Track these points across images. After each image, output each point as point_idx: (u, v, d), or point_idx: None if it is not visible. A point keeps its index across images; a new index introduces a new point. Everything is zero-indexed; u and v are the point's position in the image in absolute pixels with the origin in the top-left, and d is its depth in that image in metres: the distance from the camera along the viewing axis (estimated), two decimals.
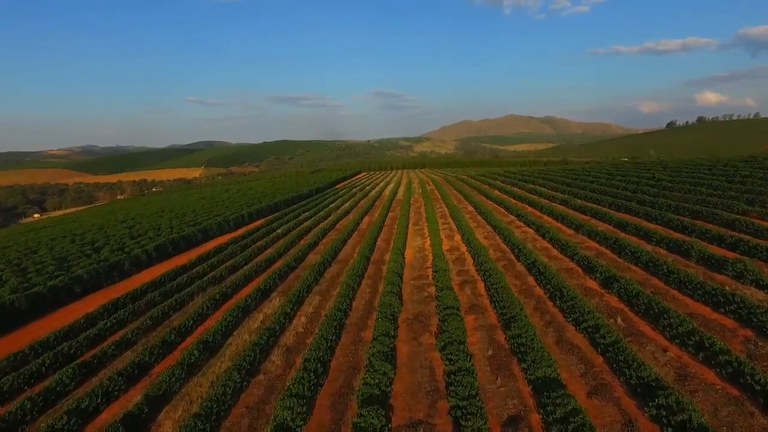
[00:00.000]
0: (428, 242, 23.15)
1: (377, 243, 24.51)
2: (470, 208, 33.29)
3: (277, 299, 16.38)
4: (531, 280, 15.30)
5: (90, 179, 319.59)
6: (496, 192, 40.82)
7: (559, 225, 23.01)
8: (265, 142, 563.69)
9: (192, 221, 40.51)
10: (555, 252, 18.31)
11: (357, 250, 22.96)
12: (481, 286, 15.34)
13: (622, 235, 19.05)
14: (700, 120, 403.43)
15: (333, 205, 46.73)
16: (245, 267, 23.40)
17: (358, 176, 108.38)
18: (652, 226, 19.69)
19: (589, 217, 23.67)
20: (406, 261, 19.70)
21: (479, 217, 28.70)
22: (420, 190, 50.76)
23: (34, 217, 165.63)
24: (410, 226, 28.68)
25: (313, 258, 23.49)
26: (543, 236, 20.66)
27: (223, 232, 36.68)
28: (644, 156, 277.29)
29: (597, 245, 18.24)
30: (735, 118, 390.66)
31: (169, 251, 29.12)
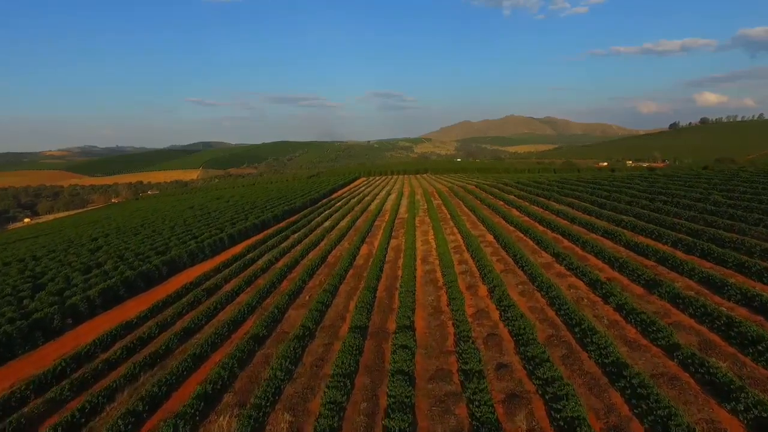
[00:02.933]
0: (444, 296, 17.63)
1: (377, 294, 18.98)
2: (489, 237, 27.75)
3: (226, 418, 10.85)
4: (616, 398, 9.79)
5: (86, 181, 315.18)
6: (515, 212, 35.27)
7: (618, 275, 17.48)
8: (264, 143, 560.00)
9: (163, 245, 35.15)
10: (631, 331, 12.80)
11: (351, 310, 17.43)
12: (539, 408, 9.81)
13: (722, 302, 13.55)
14: (704, 121, 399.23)
15: (328, 223, 41.25)
16: (204, 328, 17.91)
17: (356, 182, 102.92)
18: (758, 286, 14.20)
19: (654, 263, 18.16)
20: (417, 335, 14.16)
21: (504, 253, 23.16)
22: (425, 206, 45.25)
23: (24, 222, 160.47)
24: (419, 264, 23.15)
25: (293, 316, 17.98)
26: (605, 298, 15.11)
27: (195, 262, 31.21)
28: (649, 158, 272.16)
29: (694, 323, 12.70)
30: (739, 119, 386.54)
31: (121, 294, 23.60)
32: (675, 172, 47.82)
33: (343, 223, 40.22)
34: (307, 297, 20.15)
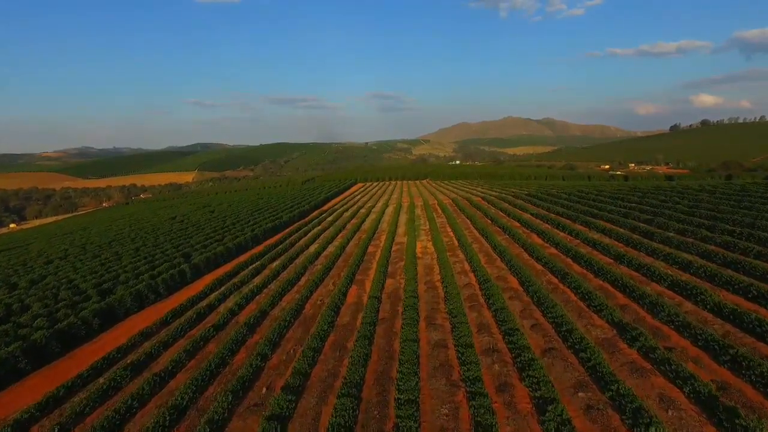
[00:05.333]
0: (464, 409, 11.57)
1: (363, 394, 12.91)
2: (512, 280, 21.65)
3: None
4: None
5: (80, 183, 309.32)
6: (536, 239, 29.22)
7: (730, 377, 11.40)
8: (261, 145, 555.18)
9: (113, 279, 29.35)
10: None
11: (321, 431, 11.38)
12: None
13: None
14: (705, 123, 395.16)
15: (313, 248, 35.18)
16: None
17: (351, 189, 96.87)
18: None
19: None
20: None
21: (539, 314, 17.09)
22: (426, 226, 39.22)
23: (9, 228, 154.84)
24: (423, 329, 17.10)
25: (236, 430, 11.91)
26: None
27: (144, 305, 25.19)
28: (652, 161, 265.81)
29: None
30: (740, 120, 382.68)
31: (20, 367, 17.50)
32: (713, 186, 41.81)
33: (331, 249, 34.16)
34: (264, 389, 14.04)
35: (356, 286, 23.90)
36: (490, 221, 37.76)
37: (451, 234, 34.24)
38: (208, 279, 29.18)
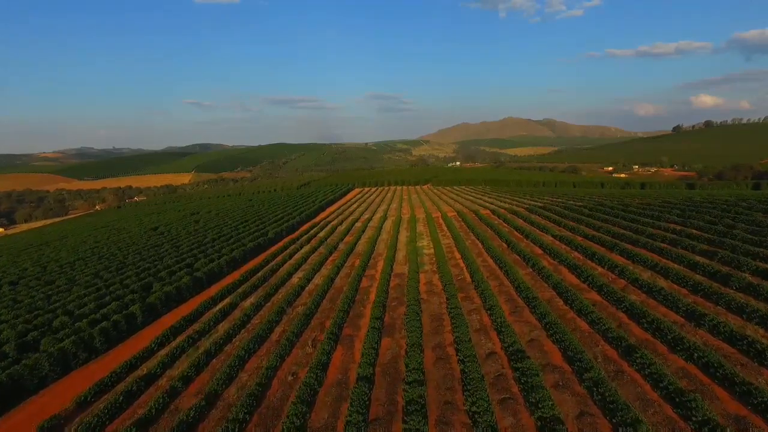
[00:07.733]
0: None
1: None
2: (553, 351, 15.90)
3: None
4: None
5: (75, 185, 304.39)
6: (567, 273, 23.53)
7: None
8: (260, 146, 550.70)
9: (46, 323, 24.08)
10: None
11: None
12: None
13: None
14: (708, 124, 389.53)
15: (297, 278, 29.63)
16: None
17: (348, 196, 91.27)
18: None
19: None
20: None
21: (606, 425, 11.55)
22: (431, 249, 33.61)
23: None
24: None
25: None
26: None
27: (71, 367, 19.65)
28: (656, 163, 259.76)
29: None
30: (744, 121, 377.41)
31: None
32: (763, 203, 36.18)
33: (317, 281, 28.58)
34: None
35: (342, 347, 18.28)
36: (506, 245, 32.17)
37: (462, 264, 28.64)
38: (165, 322, 23.68)
